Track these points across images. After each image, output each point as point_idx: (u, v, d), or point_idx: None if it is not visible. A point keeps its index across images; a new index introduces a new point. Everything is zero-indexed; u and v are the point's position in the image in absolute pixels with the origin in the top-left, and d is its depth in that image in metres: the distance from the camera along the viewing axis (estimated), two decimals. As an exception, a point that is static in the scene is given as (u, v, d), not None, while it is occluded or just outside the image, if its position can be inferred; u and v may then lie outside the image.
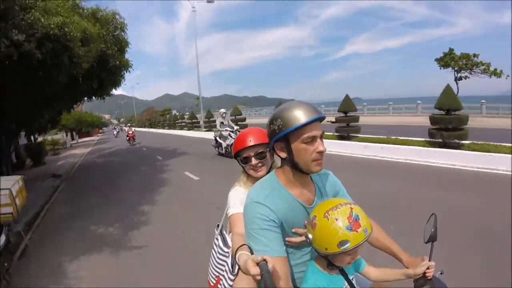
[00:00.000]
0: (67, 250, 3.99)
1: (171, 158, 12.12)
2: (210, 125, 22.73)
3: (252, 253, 1.02)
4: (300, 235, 1.13)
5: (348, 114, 10.22)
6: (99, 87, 9.34)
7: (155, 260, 3.48)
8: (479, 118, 15.51)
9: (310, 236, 1.04)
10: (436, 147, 7.62)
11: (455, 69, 19.05)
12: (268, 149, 1.41)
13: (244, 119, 17.89)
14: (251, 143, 1.43)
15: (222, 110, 10.86)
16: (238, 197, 1.40)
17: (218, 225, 1.63)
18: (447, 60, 19.04)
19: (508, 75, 18.26)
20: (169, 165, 10.48)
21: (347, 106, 10.19)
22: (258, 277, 0.88)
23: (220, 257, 1.50)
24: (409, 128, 14.86)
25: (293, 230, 1.13)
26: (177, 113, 39.85)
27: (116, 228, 4.72)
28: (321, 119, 1.08)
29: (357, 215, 0.99)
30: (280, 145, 1.11)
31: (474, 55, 18.68)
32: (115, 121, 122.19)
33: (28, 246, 4.34)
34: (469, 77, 19.07)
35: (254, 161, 1.42)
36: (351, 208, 1.00)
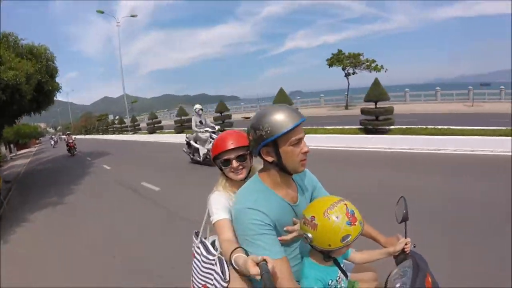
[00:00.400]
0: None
1: (120, 165, 11.89)
2: (136, 128, 23.84)
3: (248, 255, 1.03)
4: (290, 232, 1.18)
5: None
6: (37, 106, 12.00)
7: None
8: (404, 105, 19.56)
9: (310, 235, 1.09)
10: (366, 134, 9.23)
11: (342, 67, 23.34)
12: (248, 152, 1.41)
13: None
14: (232, 146, 1.42)
15: (198, 106, 8.31)
16: (220, 203, 1.38)
17: (196, 233, 1.60)
18: (333, 60, 23.29)
19: (386, 69, 22.56)
20: (121, 174, 9.58)
21: (283, 99, 11.17)
22: (258, 277, 0.89)
23: (206, 265, 1.46)
24: (337, 118, 16.90)
25: (284, 229, 1.18)
26: (115, 118, 39.60)
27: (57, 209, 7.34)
28: (303, 121, 1.11)
29: (353, 210, 1.07)
30: (267, 150, 1.14)
31: (359, 54, 22.79)
32: (51, 130, 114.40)
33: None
34: (356, 73, 23.56)
35: (235, 163, 1.42)
36: (346, 205, 1.08)
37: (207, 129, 8.10)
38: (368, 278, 1.45)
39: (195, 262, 1.55)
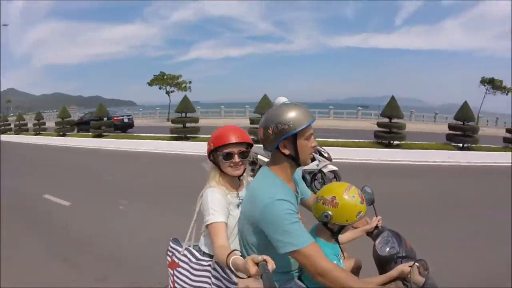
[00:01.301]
0: None
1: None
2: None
3: (244, 257, 1.02)
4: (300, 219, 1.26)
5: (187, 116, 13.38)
6: None
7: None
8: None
9: (330, 213, 1.27)
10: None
11: (162, 87, 25.88)
12: (250, 149, 1.44)
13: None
14: (237, 140, 1.39)
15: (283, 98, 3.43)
16: (218, 202, 1.33)
17: (175, 240, 1.52)
18: (154, 80, 25.76)
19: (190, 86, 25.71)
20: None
21: (185, 108, 13.28)
22: (258, 277, 0.91)
23: (198, 272, 1.38)
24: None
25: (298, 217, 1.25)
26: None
27: None
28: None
29: (361, 192, 1.31)
30: (286, 143, 1.26)
31: (180, 76, 25.90)
32: None
33: None
34: (174, 91, 26.11)
35: (237, 158, 1.40)
36: (355, 187, 1.31)
37: None
38: (356, 265, 1.63)
39: (179, 272, 1.44)
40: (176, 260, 1.46)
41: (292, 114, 1.23)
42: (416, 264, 1.19)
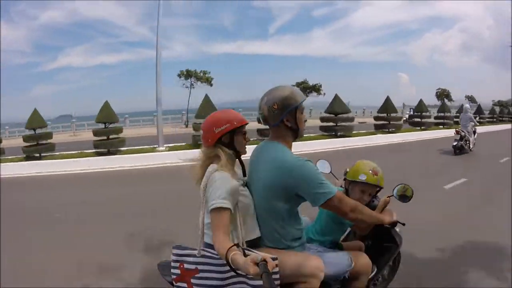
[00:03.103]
0: None
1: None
2: None
3: (245, 254, 1.03)
4: None
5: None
6: None
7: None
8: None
9: (364, 176, 1.66)
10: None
11: None
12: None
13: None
14: (247, 121, 1.45)
15: (467, 107, 10.48)
16: (228, 187, 1.28)
17: (177, 246, 1.39)
18: None
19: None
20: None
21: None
22: (258, 277, 0.91)
23: (227, 268, 1.21)
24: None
25: None
26: None
27: None
28: None
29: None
30: (289, 117, 1.42)
31: None
32: None
33: None
34: None
35: (246, 138, 1.47)
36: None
37: (472, 123, 10.04)
38: (358, 246, 1.83)
39: (201, 278, 1.31)
40: (192, 267, 1.33)
41: (292, 90, 1.44)
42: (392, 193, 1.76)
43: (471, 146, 9.96)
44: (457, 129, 9.81)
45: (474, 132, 10.23)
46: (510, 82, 36.25)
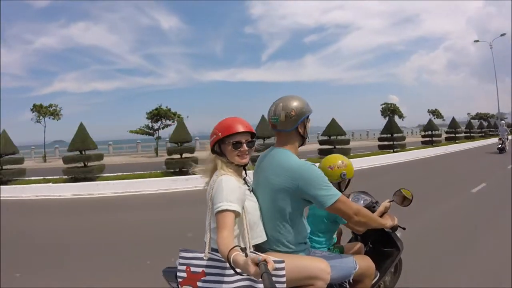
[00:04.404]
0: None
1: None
2: None
3: (246, 254, 1.02)
4: None
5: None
6: None
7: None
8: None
9: (344, 172, 1.81)
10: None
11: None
12: (255, 139, 1.49)
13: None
14: (245, 129, 1.42)
15: (503, 122, 18.82)
16: (234, 190, 1.31)
17: (184, 250, 1.39)
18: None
19: None
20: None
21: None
22: (258, 277, 0.91)
23: (234, 277, 1.27)
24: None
25: None
26: None
27: None
28: None
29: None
30: (302, 124, 1.52)
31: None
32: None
33: None
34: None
35: (245, 147, 1.42)
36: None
37: (504, 133, 15.81)
38: (359, 248, 1.93)
39: (208, 281, 1.30)
40: (199, 270, 1.33)
41: (305, 101, 1.53)
42: (393, 198, 1.86)
43: (507, 147, 15.61)
44: (499, 137, 15.83)
45: (507, 139, 15.94)
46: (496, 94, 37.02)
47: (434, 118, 32.12)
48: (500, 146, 15.53)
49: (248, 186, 1.53)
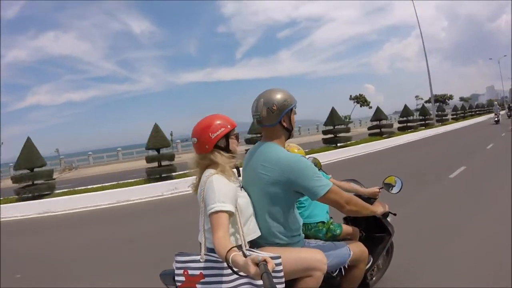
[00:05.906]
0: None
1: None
2: None
3: (245, 255, 1.04)
4: None
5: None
6: None
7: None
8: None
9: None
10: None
11: None
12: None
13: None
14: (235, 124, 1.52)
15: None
16: (226, 190, 1.31)
17: (180, 253, 1.36)
18: None
19: None
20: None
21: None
22: (258, 277, 0.91)
23: (231, 278, 1.27)
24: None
25: None
26: None
27: None
28: None
29: None
30: (286, 116, 1.50)
31: None
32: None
33: None
34: None
35: (237, 139, 1.53)
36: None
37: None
38: (354, 232, 2.01)
39: (207, 283, 1.29)
40: (196, 272, 1.31)
41: (287, 93, 1.52)
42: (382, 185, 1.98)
43: (499, 120, 23.08)
44: (494, 113, 24.10)
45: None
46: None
47: (360, 106, 33.93)
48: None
49: (239, 182, 1.53)
